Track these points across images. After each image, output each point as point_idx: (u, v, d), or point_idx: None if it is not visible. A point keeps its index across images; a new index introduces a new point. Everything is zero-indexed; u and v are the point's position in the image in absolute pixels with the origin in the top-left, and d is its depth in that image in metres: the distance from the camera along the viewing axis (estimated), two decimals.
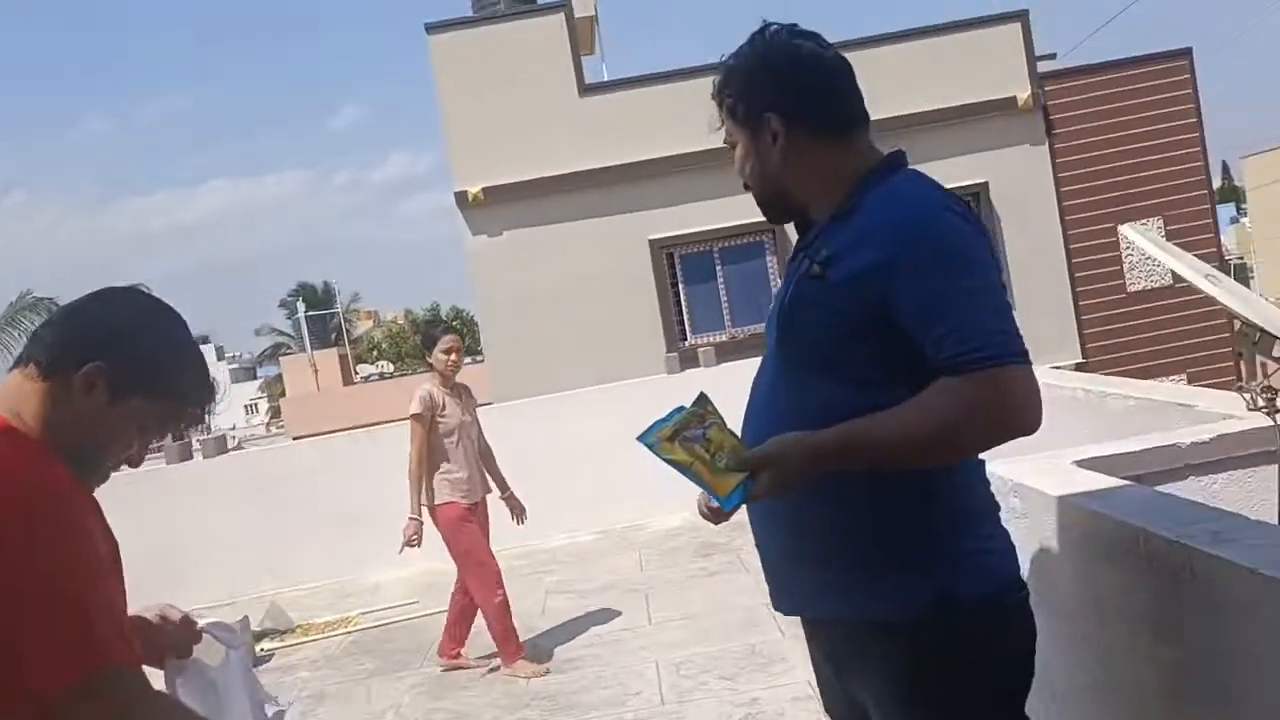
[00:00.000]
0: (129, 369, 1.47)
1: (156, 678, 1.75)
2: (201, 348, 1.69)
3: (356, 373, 34.60)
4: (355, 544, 7.60)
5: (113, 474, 1.54)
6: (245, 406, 58.63)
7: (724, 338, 11.46)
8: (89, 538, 1.37)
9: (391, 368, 45.73)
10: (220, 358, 66.39)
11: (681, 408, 1.65)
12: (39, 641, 1.28)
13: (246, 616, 6.04)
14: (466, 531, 5.08)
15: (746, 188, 1.84)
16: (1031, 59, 11.55)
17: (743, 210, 1.87)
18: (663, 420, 1.62)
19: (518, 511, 5.34)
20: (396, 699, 4.94)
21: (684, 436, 1.59)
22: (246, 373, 62.83)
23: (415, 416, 5.07)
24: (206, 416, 1.61)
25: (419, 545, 5.11)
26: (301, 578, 7.60)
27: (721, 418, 1.65)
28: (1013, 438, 1.54)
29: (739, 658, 4.70)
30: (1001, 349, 1.52)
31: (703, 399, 1.68)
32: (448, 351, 5.09)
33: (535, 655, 5.14)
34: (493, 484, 5.36)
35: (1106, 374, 10.44)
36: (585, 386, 8.50)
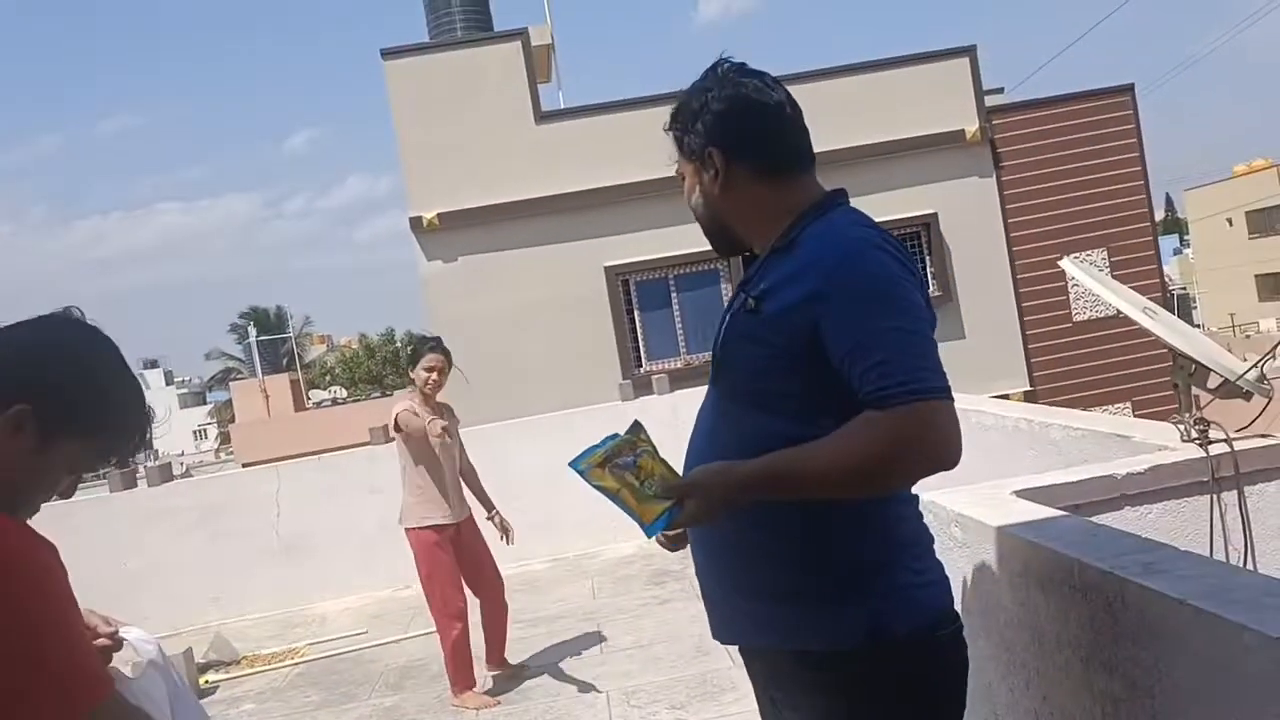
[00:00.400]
0: (58, 410, 1.40)
1: None
2: (149, 372, 1.66)
3: (309, 398, 34.18)
4: (302, 573, 7.50)
5: (38, 511, 1.50)
6: (194, 432, 57.58)
7: (679, 364, 11.51)
8: (59, 577, 1.34)
9: (345, 393, 45.27)
10: (169, 382, 65.25)
11: (616, 435, 1.68)
12: (47, 688, 1.28)
13: (190, 648, 5.93)
14: (436, 558, 4.98)
15: (697, 218, 1.88)
16: (979, 93, 11.81)
17: (698, 238, 1.90)
18: (595, 446, 1.65)
19: (506, 531, 5.25)
20: None
21: (615, 464, 1.62)
22: (196, 398, 61.76)
23: (396, 431, 4.98)
24: (142, 450, 1.57)
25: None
26: (247, 608, 7.46)
27: (653, 446, 1.69)
28: (934, 471, 1.56)
29: (690, 687, 4.69)
30: (924, 384, 1.53)
31: (636, 426, 1.71)
32: (430, 369, 4.97)
33: (487, 686, 5.09)
34: (479, 505, 5.26)
35: (1052, 402, 10.64)
36: (540, 413, 8.48)
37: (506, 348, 11.20)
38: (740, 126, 1.76)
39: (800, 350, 1.62)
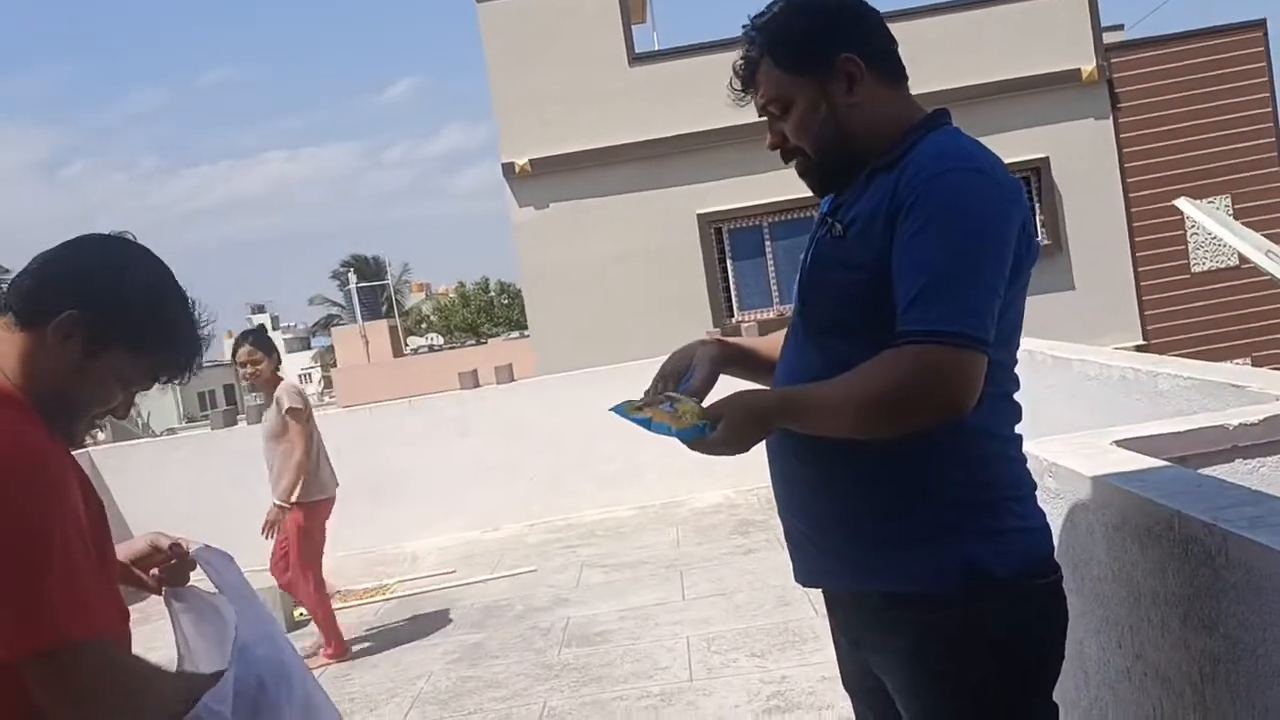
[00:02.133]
0: (106, 318, 1.40)
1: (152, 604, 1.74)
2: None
3: (406, 345, 34.96)
4: (394, 513, 7.66)
5: (95, 427, 1.50)
6: (299, 376, 59.60)
7: (772, 314, 11.33)
8: (60, 504, 1.31)
9: (441, 340, 46.15)
10: (275, 327, 67.49)
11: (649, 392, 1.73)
12: (12, 608, 1.25)
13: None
14: (324, 531, 5.34)
15: (788, 155, 1.72)
16: (1098, 30, 11.19)
17: (794, 184, 1.76)
18: (630, 400, 1.68)
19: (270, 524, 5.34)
20: (429, 667, 4.95)
21: (646, 405, 1.65)
22: (301, 343, 63.77)
23: (297, 411, 5.17)
24: (193, 371, 1.54)
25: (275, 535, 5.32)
26: (341, 545, 7.64)
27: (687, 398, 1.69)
28: (938, 421, 1.49)
29: (770, 635, 4.63)
30: (949, 328, 1.44)
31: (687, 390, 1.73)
32: (241, 364, 5.26)
33: (567, 628, 5.13)
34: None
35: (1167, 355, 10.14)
36: (629, 361, 8.45)
37: (595, 295, 11.18)
38: (866, 26, 1.65)
39: (879, 272, 1.53)
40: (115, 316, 1.41)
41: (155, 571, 1.71)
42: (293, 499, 5.16)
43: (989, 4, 11.15)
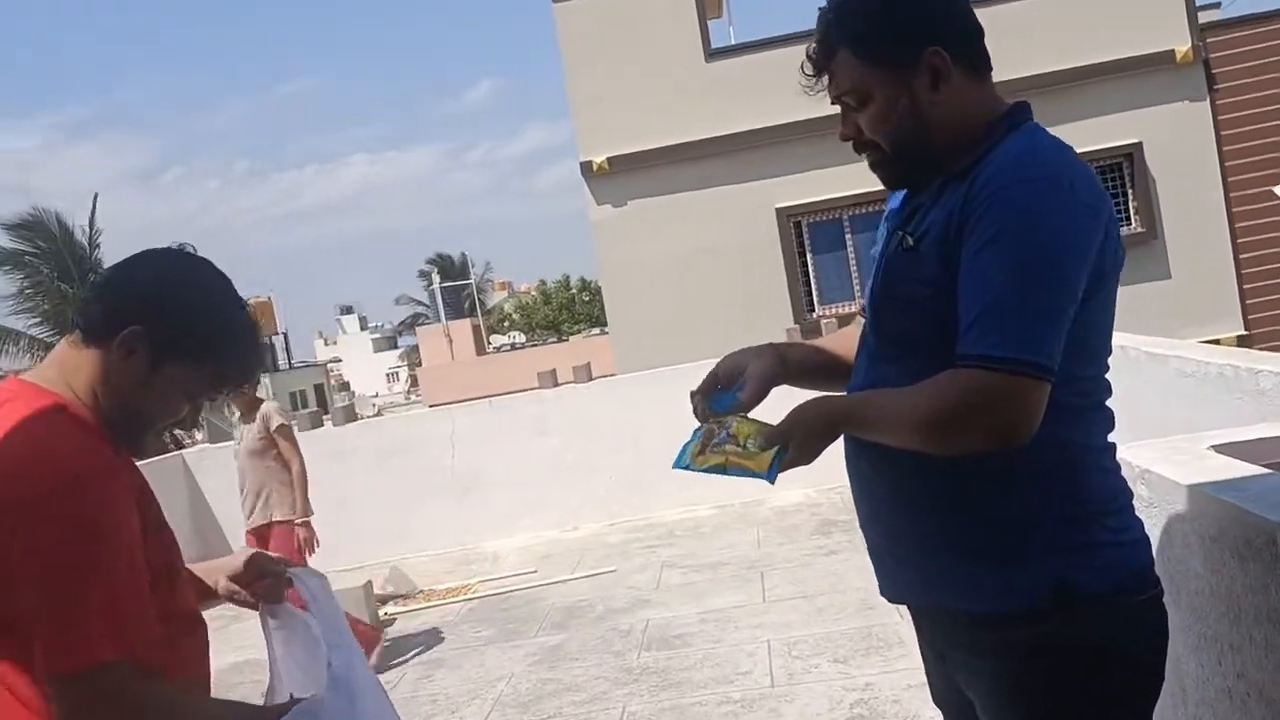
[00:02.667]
0: (168, 332, 1.44)
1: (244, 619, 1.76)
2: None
3: (489, 343, 35.41)
4: (476, 512, 7.75)
5: (168, 436, 1.53)
6: (387, 375, 60.94)
7: (853, 308, 11.14)
8: (107, 523, 1.32)
9: (523, 338, 46.63)
10: (364, 327, 69.02)
11: (700, 428, 1.64)
12: (38, 630, 1.29)
13: (370, 581, 6.22)
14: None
15: (861, 148, 1.64)
16: (1192, 9, 10.73)
17: (874, 177, 1.66)
18: (688, 443, 1.62)
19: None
20: (510, 668, 4.99)
21: (712, 445, 1.58)
22: (388, 342, 65.12)
23: (286, 428, 5.31)
24: (256, 378, 1.57)
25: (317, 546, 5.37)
26: (424, 544, 7.78)
27: (742, 416, 1.63)
28: (992, 448, 1.44)
29: (854, 640, 4.55)
30: (1005, 354, 1.39)
31: (735, 399, 1.66)
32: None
33: (647, 630, 5.12)
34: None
35: (1270, 348, 9.68)
36: (709, 358, 8.41)
37: (674, 291, 11.14)
38: (954, 18, 1.56)
39: (953, 287, 1.47)
40: (177, 330, 1.44)
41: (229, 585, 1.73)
42: (284, 516, 5.29)
43: None
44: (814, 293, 11.52)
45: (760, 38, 11.67)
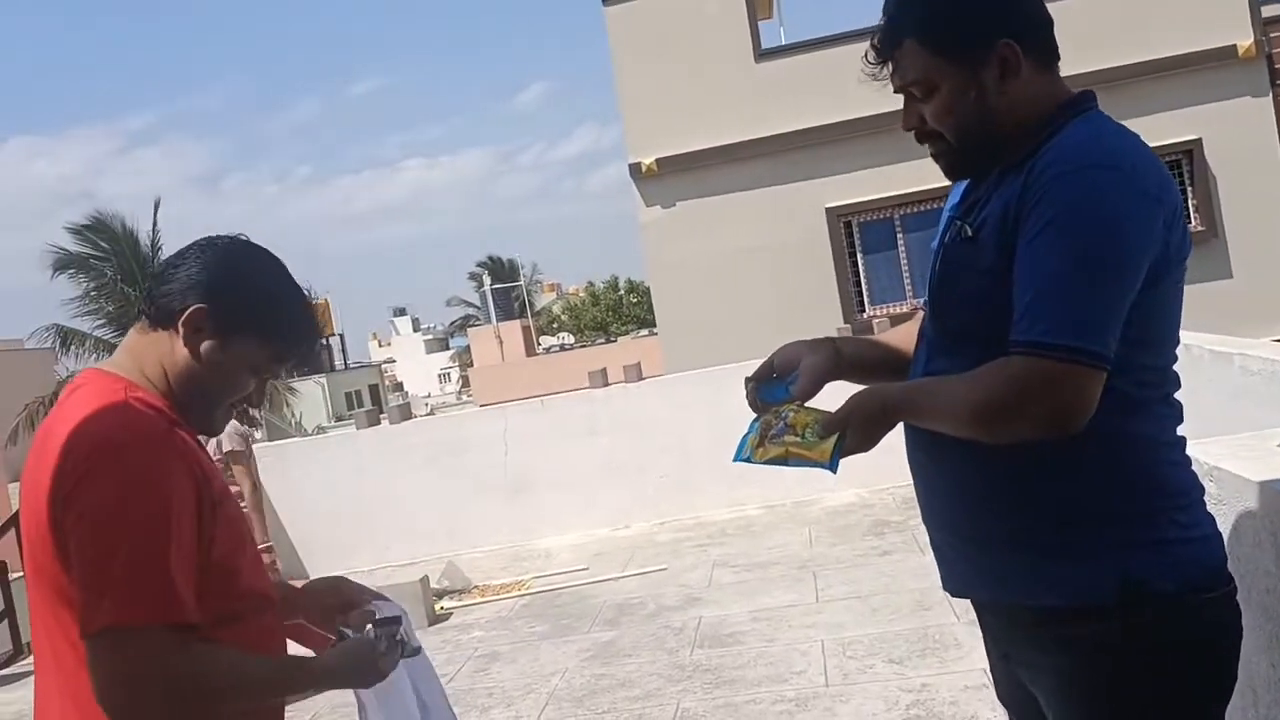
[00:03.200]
0: (230, 310, 1.50)
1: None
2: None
3: (539, 344, 35.64)
4: (528, 510, 7.81)
5: (237, 416, 1.60)
6: (439, 375, 61.51)
7: (904, 308, 11.06)
8: (152, 490, 1.37)
9: (571, 339, 46.82)
10: (416, 329, 69.76)
11: (756, 419, 1.63)
12: (78, 590, 1.35)
13: (426, 576, 6.31)
14: None
15: (923, 138, 1.61)
16: (1255, 3, 10.50)
17: (927, 175, 1.68)
18: (746, 434, 1.61)
19: None
20: (564, 663, 5.03)
21: (770, 436, 1.57)
22: (439, 343, 65.74)
23: (237, 454, 5.53)
24: (316, 353, 1.63)
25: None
26: (478, 540, 7.86)
27: (797, 404, 1.61)
28: (1045, 436, 1.43)
29: (909, 641, 4.52)
30: (1057, 341, 1.37)
31: (787, 390, 1.64)
32: None
33: (699, 628, 5.14)
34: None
35: None
36: (758, 358, 8.40)
37: (723, 292, 11.14)
38: (1026, 8, 1.54)
39: (1010, 276, 1.46)
40: (240, 307, 1.51)
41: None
42: (261, 538, 5.46)
43: None
44: (864, 292, 11.46)
45: (811, 38, 11.64)
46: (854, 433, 1.50)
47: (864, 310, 11.30)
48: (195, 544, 1.40)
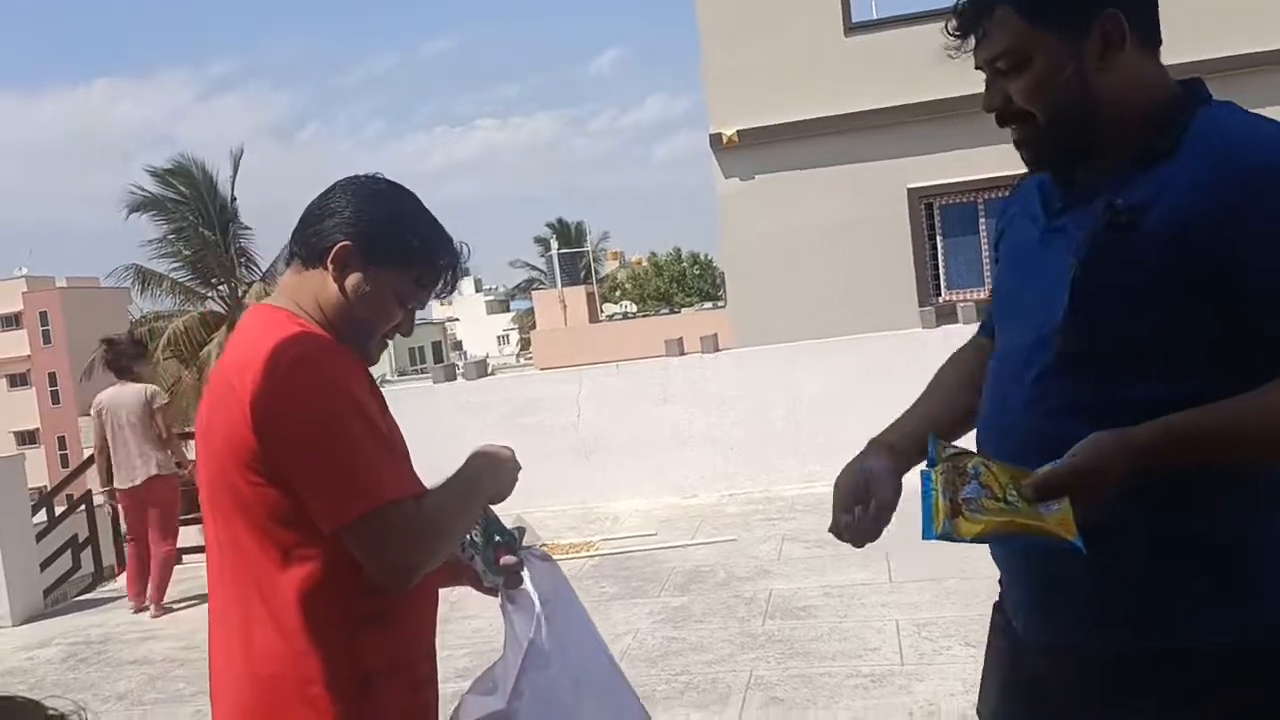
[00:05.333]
0: (373, 241, 1.58)
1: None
2: (462, 279, 1.79)
3: (602, 311, 35.78)
4: (597, 473, 7.88)
5: (387, 347, 1.72)
6: (498, 337, 62.07)
7: (983, 294, 10.89)
8: (348, 388, 1.50)
9: (634, 308, 46.92)
10: (478, 289, 70.40)
11: (926, 473, 1.36)
12: (311, 494, 1.46)
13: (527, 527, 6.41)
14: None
15: (1008, 119, 1.45)
16: None
17: (1013, 160, 1.53)
18: (926, 499, 1.34)
19: None
20: (635, 624, 5.09)
21: (965, 500, 1.30)
22: (500, 305, 66.33)
23: (165, 407, 6.61)
24: (456, 282, 1.70)
25: None
26: (547, 500, 7.95)
27: (970, 452, 1.39)
28: None
29: (987, 626, 4.48)
30: None
31: (936, 443, 1.40)
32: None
33: (770, 599, 5.17)
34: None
35: None
36: (828, 336, 8.35)
37: (799, 268, 11.06)
38: None
39: (1194, 284, 1.28)
40: (381, 239, 1.59)
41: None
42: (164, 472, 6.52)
43: None
44: (941, 276, 11.31)
45: (903, 13, 11.42)
46: (1089, 495, 1.28)
47: (940, 295, 11.15)
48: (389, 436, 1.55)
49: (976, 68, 1.47)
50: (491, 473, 1.72)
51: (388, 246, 1.59)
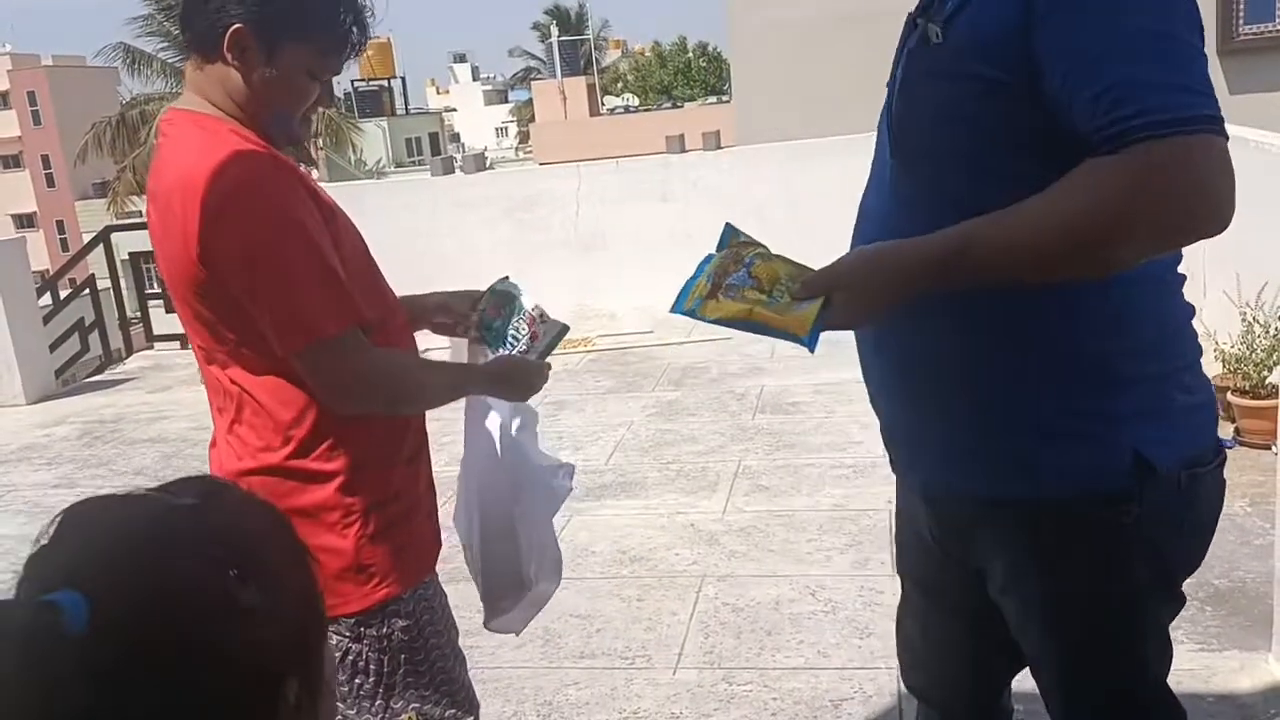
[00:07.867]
0: (267, 19, 1.47)
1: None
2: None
3: (603, 104, 34.81)
4: (595, 270, 7.91)
5: (313, 123, 1.64)
6: (496, 130, 60.65)
7: None
8: (290, 213, 1.46)
9: (636, 101, 45.62)
10: (475, 78, 68.16)
11: (709, 256, 1.35)
12: (263, 319, 1.46)
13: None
14: None
15: None
16: None
17: None
18: (691, 279, 1.33)
19: None
20: (630, 416, 5.28)
21: (726, 286, 1.29)
22: (499, 95, 64.38)
23: None
24: (364, 39, 1.57)
25: None
26: (543, 297, 7.95)
27: (763, 246, 1.35)
28: (1190, 235, 1.13)
29: None
30: (1182, 111, 1.08)
31: (731, 231, 1.38)
32: None
33: (761, 395, 5.32)
34: None
35: None
36: (839, 134, 8.19)
37: (810, 60, 10.67)
38: None
39: (1010, 87, 1.19)
40: (277, 15, 1.48)
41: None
42: None
43: None
44: None
45: None
46: (846, 302, 1.25)
47: None
48: (335, 255, 1.51)
49: None
50: (503, 386, 1.77)
51: (282, 18, 1.47)
